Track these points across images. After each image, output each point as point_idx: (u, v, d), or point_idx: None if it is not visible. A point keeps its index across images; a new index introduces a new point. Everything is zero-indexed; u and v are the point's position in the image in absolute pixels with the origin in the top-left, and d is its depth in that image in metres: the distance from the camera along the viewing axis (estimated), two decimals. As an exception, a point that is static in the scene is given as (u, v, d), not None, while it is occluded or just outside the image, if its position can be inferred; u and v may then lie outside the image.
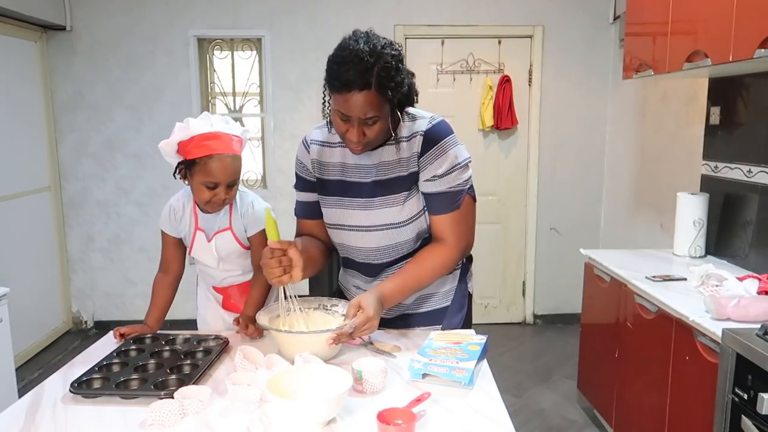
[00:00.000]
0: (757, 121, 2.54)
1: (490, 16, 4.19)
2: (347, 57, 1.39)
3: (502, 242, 4.46)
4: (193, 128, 1.69)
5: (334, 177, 1.64)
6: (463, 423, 1.24)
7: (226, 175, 1.72)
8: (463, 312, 1.75)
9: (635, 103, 3.85)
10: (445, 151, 1.54)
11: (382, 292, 1.52)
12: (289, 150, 4.27)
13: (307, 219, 1.75)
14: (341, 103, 1.43)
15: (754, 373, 1.63)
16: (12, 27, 3.76)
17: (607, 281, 2.73)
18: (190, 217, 1.85)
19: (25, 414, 1.29)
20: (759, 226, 2.51)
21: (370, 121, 1.44)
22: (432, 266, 1.59)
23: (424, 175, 1.56)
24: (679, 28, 2.48)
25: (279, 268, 1.45)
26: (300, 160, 1.71)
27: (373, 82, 1.39)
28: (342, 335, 1.44)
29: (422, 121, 1.57)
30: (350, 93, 1.39)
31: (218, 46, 4.29)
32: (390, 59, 1.42)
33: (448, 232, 1.59)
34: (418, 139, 1.55)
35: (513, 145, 4.36)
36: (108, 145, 4.27)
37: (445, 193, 1.57)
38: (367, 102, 1.40)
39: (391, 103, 1.45)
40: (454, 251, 1.60)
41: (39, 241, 4.09)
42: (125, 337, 1.70)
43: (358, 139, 1.46)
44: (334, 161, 1.64)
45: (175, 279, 1.92)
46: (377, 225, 1.61)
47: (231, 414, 1.27)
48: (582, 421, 3.09)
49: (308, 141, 1.70)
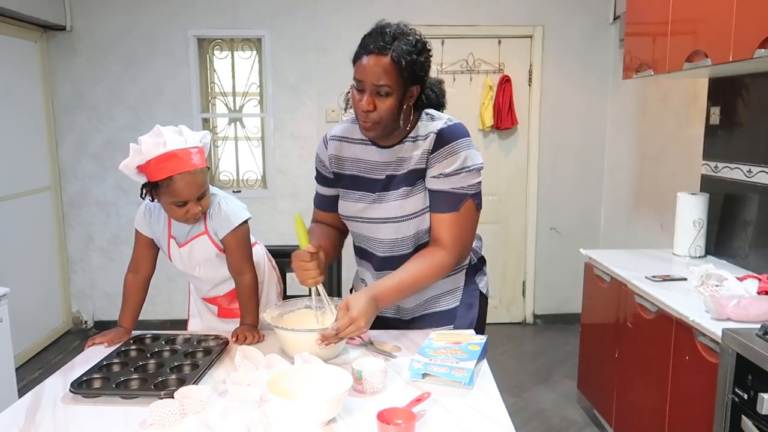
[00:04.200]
0: (757, 121, 2.54)
1: (490, 16, 4.19)
2: (374, 30, 1.51)
3: (502, 242, 4.47)
4: (146, 152, 1.61)
5: (350, 171, 1.68)
6: (463, 423, 1.24)
7: (192, 192, 1.64)
8: (474, 312, 1.75)
9: (635, 103, 3.85)
10: (456, 152, 1.56)
11: (375, 292, 1.51)
12: (289, 150, 4.27)
13: (322, 211, 1.81)
14: (358, 70, 1.49)
15: (754, 373, 1.63)
16: (12, 27, 3.76)
17: (607, 281, 2.73)
18: (165, 223, 1.79)
19: (25, 414, 1.29)
20: (759, 226, 2.51)
21: (382, 90, 1.47)
22: (428, 268, 1.57)
23: (432, 171, 1.58)
24: (679, 28, 2.48)
25: (316, 270, 1.53)
26: (319, 157, 1.76)
27: (390, 48, 1.45)
28: (327, 337, 1.43)
29: (439, 122, 1.61)
30: (368, 57, 1.47)
31: (218, 46, 4.29)
32: (413, 41, 1.49)
33: (445, 232, 1.59)
34: (431, 137, 1.58)
35: (513, 145, 4.36)
36: (108, 145, 4.27)
37: (449, 193, 1.57)
38: (381, 67, 1.45)
39: (403, 77, 1.47)
40: (450, 254, 1.59)
41: (39, 241, 4.09)
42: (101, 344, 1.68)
43: (368, 108, 1.48)
44: (349, 156, 1.68)
45: (146, 280, 1.86)
46: (390, 217, 1.63)
47: (231, 414, 1.27)
48: (582, 421, 3.09)
49: (328, 137, 1.74)
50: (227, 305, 1.94)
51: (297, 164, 4.29)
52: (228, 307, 1.94)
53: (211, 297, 1.94)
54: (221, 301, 1.94)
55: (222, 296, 1.92)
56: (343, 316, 1.44)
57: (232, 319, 1.89)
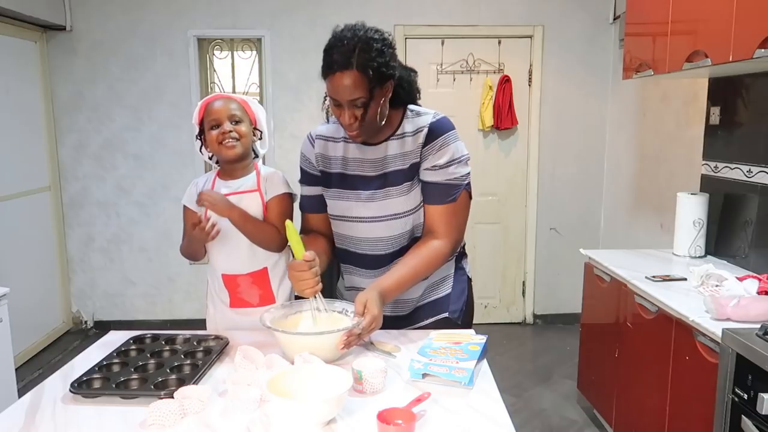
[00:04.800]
0: (757, 121, 2.54)
1: (490, 16, 4.19)
2: (332, 42, 1.50)
3: (502, 242, 4.47)
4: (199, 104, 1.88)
5: (336, 170, 1.70)
6: (463, 423, 1.24)
7: (222, 111, 1.80)
8: (464, 296, 1.79)
9: (635, 103, 3.85)
10: (447, 144, 1.61)
11: (383, 288, 1.54)
12: (289, 150, 4.27)
13: (313, 213, 1.79)
14: (329, 87, 1.50)
15: (754, 373, 1.63)
16: (12, 27, 3.76)
17: (607, 281, 2.73)
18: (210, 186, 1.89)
19: (25, 414, 1.29)
20: (759, 226, 2.51)
21: (358, 102, 1.48)
22: (427, 259, 1.61)
23: (425, 164, 1.61)
24: (679, 28, 2.48)
25: (314, 279, 1.52)
26: (304, 155, 1.77)
27: (354, 61, 1.45)
28: (352, 337, 1.45)
29: (426, 116, 1.64)
30: (334, 75, 1.47)
31: (218, 46, 4.29)
32: (372, 42, 1.48)
33: (441, 223, 1.63)
34: (423, 132, 1.61)
35: (513, 145, 4.36)
36: (108, 145, 4.27)
37: (444, 185, 1.61)
38: (350, 82, 1.46)
39: (374, 83, 1.47)
40: (446, 244, 1.63)
41: (39, 241, 4.09)
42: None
43: (350, 122, 1.51)
44: (336, 155, 1.70)
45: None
46: (379, 216, 1.64)
47: (231, 414, 1.27)
48: (582, 421, 3.09)
49: (313, 136, 1.76)
50: (248, 287, 1.89)
51: (297, 164, 4.24)
52: (248, 291, 1.90)
53: (233, 275, 1.89)
54: (241, 281, 1.88)
55: (244, 275, 1.88)
56: (362, 311, 1.47)
57: (243, 309, 1.89)
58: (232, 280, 1.90)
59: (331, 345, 1.46)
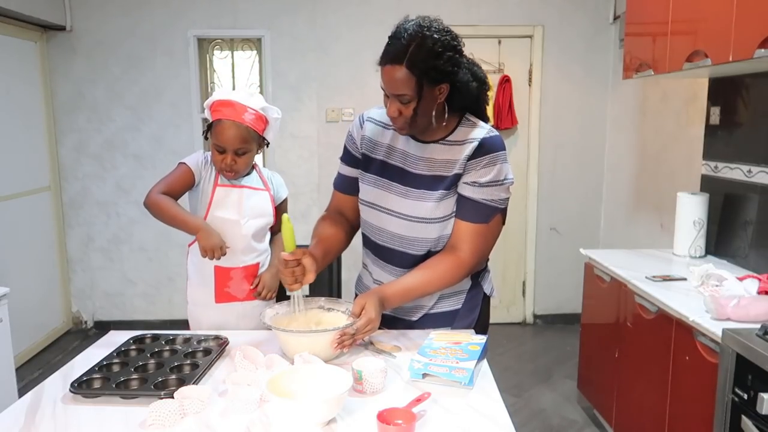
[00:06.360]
0: (757, 121, 2.54)
1: (490, 16, 4.19)
2: (394, 32, 1.48)
3: (502, 242, 4.42)
4: (216, 95, 1.86)
5: (379, 157, 1.67)
6: (463, 423, 1.24)
7: (229, 141, 1.80)
8: (475, 314, 1.75)
9: (635, 103, 3.85)
10: (494, 163, 1.56)
11: (385, 294, 1.55)
12: (288, 150, 4.26)
13: (343, 193, 1.78)
14: (382, 77, 1.50)
15: (754, 373, 1.63)
16: (12, 27, 3.76)
17: (607, 281, 2.73)
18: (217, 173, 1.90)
19: (25, 414, 1.29)
20: (759, 226, 2.51)
21: (404, 98, 1.47)
22: (442, 274, 1.58)
23: (467, 177, 1.57)
24: (679, 28, 2.48)
25: (291, 278, 1.52)
26: (351, 134, 1.74)
27: (405, 58, 1.43)
28: (345, 336, 1.46)
29: (481, 130, 1.60)
30: (385, 66, 1.47)
31: (218, 46, 4.29)
32: (429, 42, 1.44)
33: (467, 241, 1.59)
34: (472, 145, 1.56)
35: (513, 145, 4.36)
36: (108, 145, 4.27)
37: (480, 204, 1.57)
38: (397, 77, 1.45)
39: (422, 83, 1.45)
40: (466, 264, 1.60)
41: (39, 241, 4.09)
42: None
43: (394, 115, 1.51)
44: (384, 141, 1.67)
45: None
46: (409, 215, 1.61)
47: (231, 414, 1.27)
48: (582, 421, 3.09)
49: (365, 118, 1.73)
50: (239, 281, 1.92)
51: (297, 164, 4.29)
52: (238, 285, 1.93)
53: (227, 267, 1.90)
54: (234, 275, 1.91)
55: (239, 268, 1.91)
56: (360, 313, 1.48)
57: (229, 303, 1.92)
58: (224, 273, 1.91)
59: (325, 344, 1.46)
